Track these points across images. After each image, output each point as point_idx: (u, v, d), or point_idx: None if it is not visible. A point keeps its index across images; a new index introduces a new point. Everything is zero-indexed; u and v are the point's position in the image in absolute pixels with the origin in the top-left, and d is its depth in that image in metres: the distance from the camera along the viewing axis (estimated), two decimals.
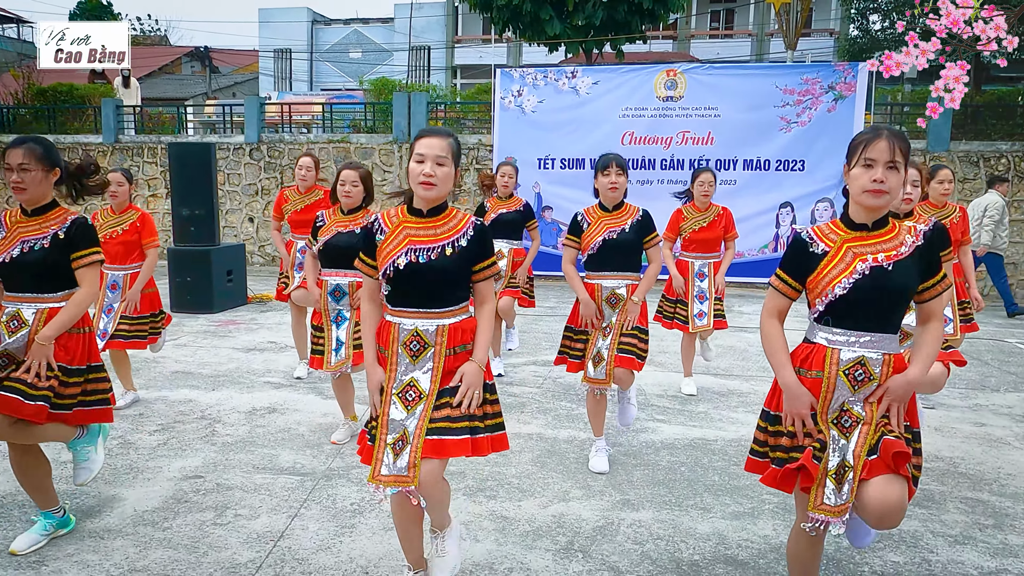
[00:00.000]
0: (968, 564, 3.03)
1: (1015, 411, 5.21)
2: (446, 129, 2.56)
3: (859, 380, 2.25)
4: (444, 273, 2.42)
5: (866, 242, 2.26)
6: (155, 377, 5.60)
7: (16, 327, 2.87)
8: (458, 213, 2.52)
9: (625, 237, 3.78)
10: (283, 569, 2.88)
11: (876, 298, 2.22)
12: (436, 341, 2.44)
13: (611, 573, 2.90)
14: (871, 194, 2.19)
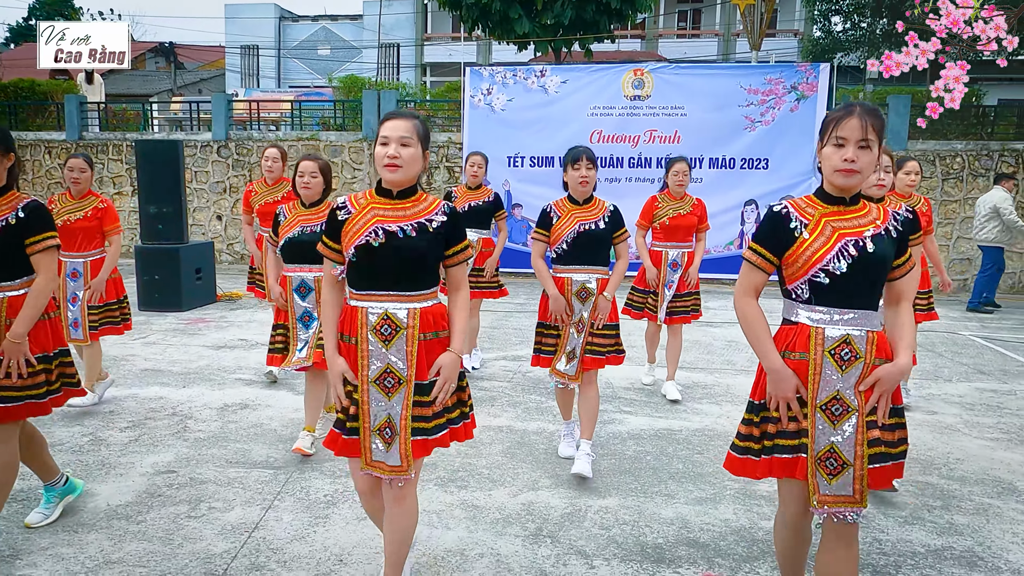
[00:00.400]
0: (916, 543, 3.19)
1: (965, 400, 5.43)
2: (412, 111, 2.52)
3: (845, 359, 2.19)
4: (414, 252, 2.36)
5: (844, 217, 2.21)
6: (124, 375, 5.59)
7: None
8: (429, 196, 2.48)
9: (598, 231, 3.77)
10: (258, 559, 2.94)
11: (860, 274, 2.17)
12: (408, 324, 2.38)
13: (579, 557, 3.00)
14: (842, 173, 2.16)
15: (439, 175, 12.07)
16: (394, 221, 2.38)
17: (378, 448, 2.39)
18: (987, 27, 3.80)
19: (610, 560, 2.98)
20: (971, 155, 11.07)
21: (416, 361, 2.39)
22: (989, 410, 5.21)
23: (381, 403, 2.39)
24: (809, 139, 10.72)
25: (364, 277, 2.40)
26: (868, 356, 2.20)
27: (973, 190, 11.08)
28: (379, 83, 16.09)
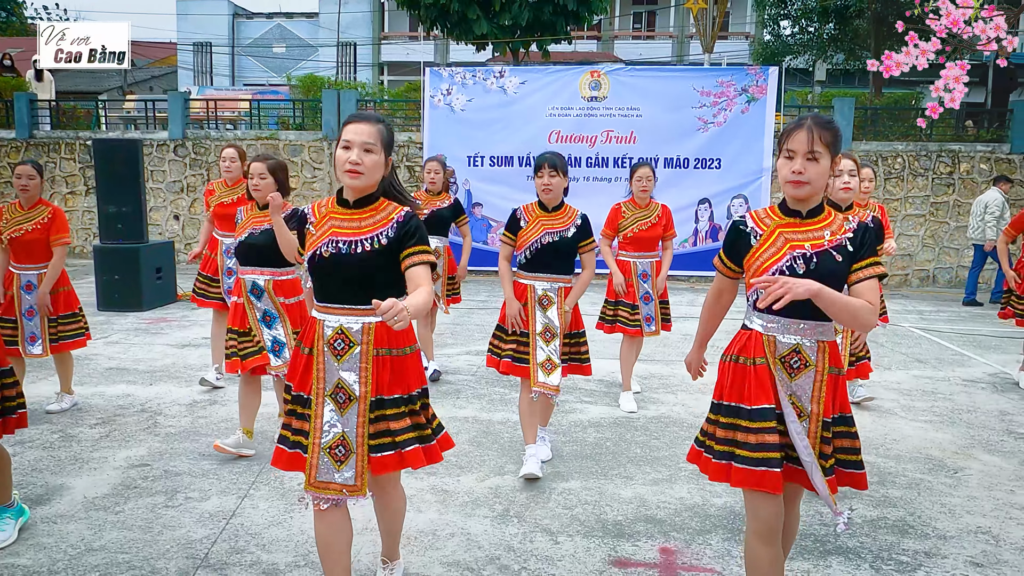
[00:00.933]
0: (855, 515, 3.45)
1: (903, 387, 5.78)
2: (376, 114, 2.43)
3: (795, 367, 2.25)
4: (364, 268, 2.30)
5: (798, 229, 2.26)
6: (89, 374, 5.60)
7: None
8: (389, 206, 2.38)
9: (563, 241, 3.75)
10: (237, 543, 3.06)
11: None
12: (362, 340, 2.32)
13: (544, 534, 3.19)
14: (791, 185, 2.21)
15: (400, 174, 12.13)
16: (347, 233, 2.32)
17: (325, 466, 2.28)
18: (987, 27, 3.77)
19: (573, 536, 3.18)
20: (911, 155, 11.59)
21: (372, 377, 2.31)
22: (924, 395, 5.56)
23: (335, 418, 2.30)
24: (759, 140, 11.12)
25: (320, 290, 2.38)
26: (820, 364, 2.24)
27: (913, 189, 11.61)
28: (338, 83, 16.07)
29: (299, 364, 2.40)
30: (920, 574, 2.94)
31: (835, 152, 2.22)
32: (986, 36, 3.77)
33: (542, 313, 3.78)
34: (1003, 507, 3.60)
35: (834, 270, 2.20)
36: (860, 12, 15.46)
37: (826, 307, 2.12)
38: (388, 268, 2.33)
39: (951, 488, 3.82)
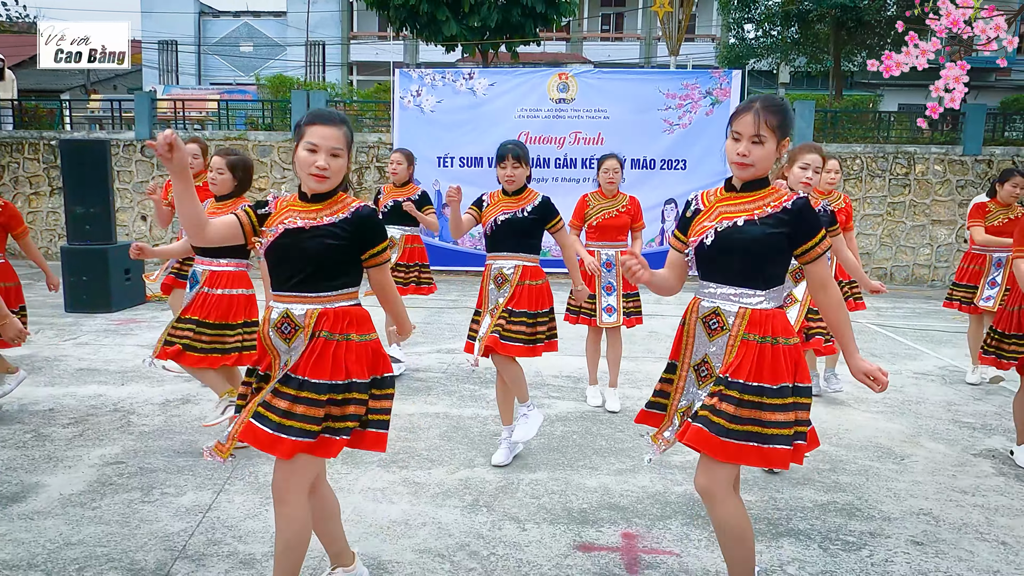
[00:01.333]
0: (806, 499, 3.64)
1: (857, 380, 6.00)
2: (339, 114, 2.42)
3: (713, 329, 2.40)
4: (315, 250, 2.34)
5: (732, 202, 2.40)
6: (60, 375, 5.61)
7: None
8: (346, 198, 2.42)
9: (519, 219, 3.85)
10: (215, 535, 3.15)
11: (727, 252, 2.35)
12: (305, 324, 2.37)
13: (512, 522, 3.33)
14: (736, 166, 2.35)
15: (370, 175, 12.22)
16: (304, 221, 2.37)
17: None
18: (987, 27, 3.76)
19: (540, 524, 3.32)
20: (868, 157, 11.95)
21: (308, 355, 2.34)
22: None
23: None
24: (723, 141, 11.30)
25: (273, 277, 2.44)
26: (736, 329, 2.36)
27: (871, 189, 11.97)
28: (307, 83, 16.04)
29: (265, 351, 2.49)
30: (864, 552, 3.13)
31: (782, 135, 2.32)
32: (986, 36, 3.76)
33: (496, 291, 3.91)
34: (944, 490, 3.82)
35: (757, 236, 2.32)
36: (821, 17, 15.84)
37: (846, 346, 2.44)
38: (346, 255, 2.38)
39: (897, 474, 4.03)
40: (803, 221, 2.33)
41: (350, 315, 2.41)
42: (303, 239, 2.34)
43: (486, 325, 3.93)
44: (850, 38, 16.13)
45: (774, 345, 2.35)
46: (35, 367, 5.77)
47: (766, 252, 2.35)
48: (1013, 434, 4.75)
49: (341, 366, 2.35)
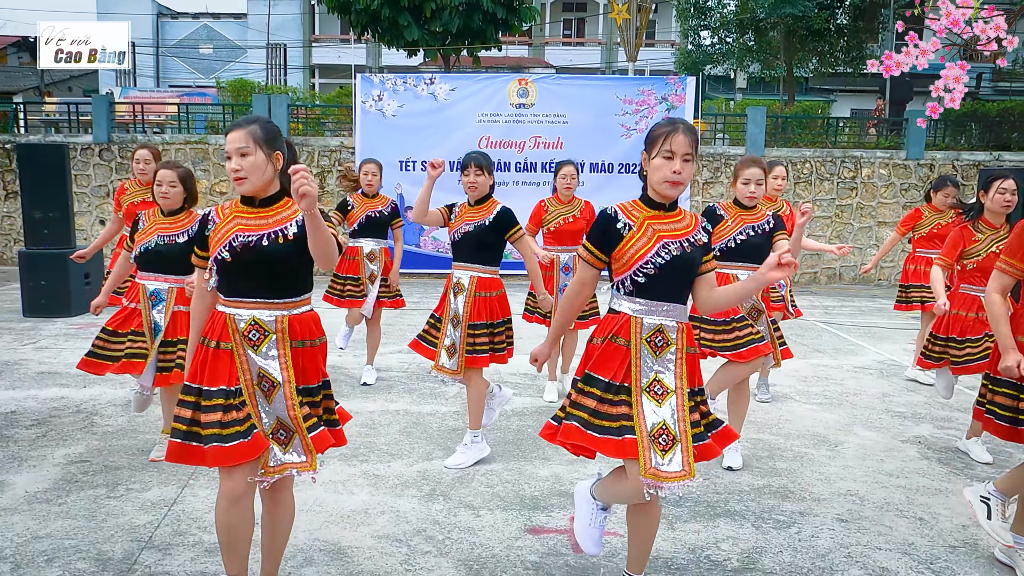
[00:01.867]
0: (743, 483, 3.89)
1: (800, 373, 6.32)
2: (251, 118, 2.48)
3: (659, 346, 2.48)
4: (271, 259, 2.39)
5: (663, 221, 2.50)
6: (20, 378, 5.64)
7: None
8: (292, 203, 2.47)
9: (480, 231, 3.95)
10: (180, 527, 3.27)
11: (674, 273, 2.47)
12: (276, 329, 2.43)
13: (467, 509, 3.51)
14: (670, 184, 2.41)
15: (332, 178, 12.29)
16: (255, 229, 2.42)
17: (275, 453, 2.43)
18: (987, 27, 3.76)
19: (493, 510, 3.51)
20: (818, 161, 12.39)
21: (291, 364, 2.43)
22: (818, 381, 6.11)
23: (265, 407, 2.43)
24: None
25: (231, 285, 2.45)
26: (680, 343, 2.50)
27: (820, 192, 12.40)
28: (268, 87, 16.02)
29: (201, 359, 2.45)
30: (793, 530, 3.37)
31: (696, 156, 2.49)
32: (986, 36, 3.74)
33: (454, 300, 4.04)
34: (872, 474, 4.10)
35: (692, 257, 2.51)
36: (773, 25, 16.33)
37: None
38: (295, 260, 2.43)
39: (830, 459, 4.31)
40: (709, 240, 2.60)
41: (315, 319, 2.55)
42: (259, 247, 2.39)
43: (449, 335, 4.04)
44: (802, 45, 16.64)
45: (694, 355, 2.60)
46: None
47: (697, 267, 2.55)
48: (941, 422, 5.08)
49: (315, 371, 2.53)
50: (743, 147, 12.43)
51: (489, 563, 3.03)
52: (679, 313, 2.54)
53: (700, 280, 2.57)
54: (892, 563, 3.10)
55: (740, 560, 3.10)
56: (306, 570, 2.93)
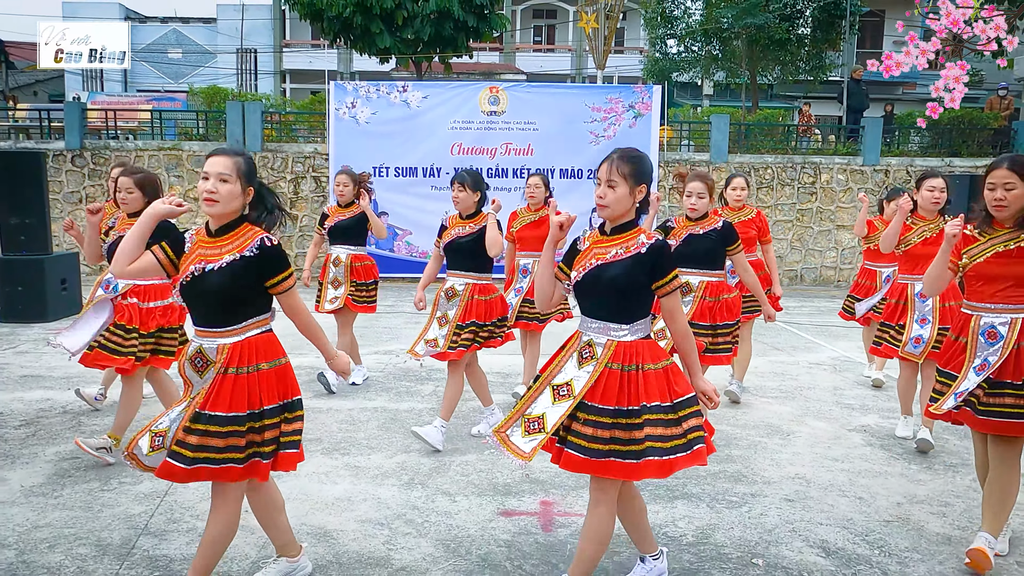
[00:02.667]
0: (700, 470, 4.10)
1: (759, 370, 6.66)
2: (237, 148, 2.68)
3: (584, 358, 2.65)
4: (218, 289, 2.49)
5: (603, 244, 2.67)
6: (3, 381, 5.77)
7: None
8: (249, 231, 2.57)
9: (469, 241, 4.32)
10: (174, 515, 3.48)
11: (592, 289, 2.63)
12: (216, 359, 2.52)
13: (444, 495, 3.76)
14: (598, 208, 2.65)
15: (306, 184, 12.46)
16: (207, 260, 2.52)
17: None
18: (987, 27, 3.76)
19: (468, 496, 3.76)
20: (779, 167, 12.84)
21: (216, 391, 2.49)
22: (775, 376, 6.46)
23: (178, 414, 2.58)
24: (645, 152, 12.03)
25: (191, 313, 2.63)
26: (603, 358, 2.60)
27: (781, 197, 12.85)
28: (242, 93, 16.11)
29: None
30: (744, 509, 3.68)
31: (637, 181, 2.59)
32: (986, 36, 3.76)
33: (446, 303, 4.40)
34: (819, 459, 4.43)
35: (615, 275, 2.60)
36: (737, 35, 16.82)
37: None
38: (242, 286, 2.52)
39: (782, 447, 4.63)
40: (657, 263, 2.61)
41: (265, 341, 2.59)
42: (207, 279, 2.51)
43: (432, 331, 4.43)
44: (764, 54, 17.16)
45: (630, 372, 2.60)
46: None
47: (629, 291, 2.65)
48: (887, 412, 5.43)
49: (255, 396, 2.53)
50: (708, 153, 12.84)
51: (465, 542, 3.28)
52: (614, 332, 2.62)
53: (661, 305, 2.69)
54: (831, 536, 3.41)
55: (695, 536, 3.39)
56: None
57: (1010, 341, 3.08)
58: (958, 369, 3.22)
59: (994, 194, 3.10)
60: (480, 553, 3.19)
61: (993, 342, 3.12)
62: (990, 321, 3.14)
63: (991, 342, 3.12)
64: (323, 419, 4.93)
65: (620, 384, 2.57)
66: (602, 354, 2.61)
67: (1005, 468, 3.11)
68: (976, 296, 3.21)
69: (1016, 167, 3.06)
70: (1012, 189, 3.06)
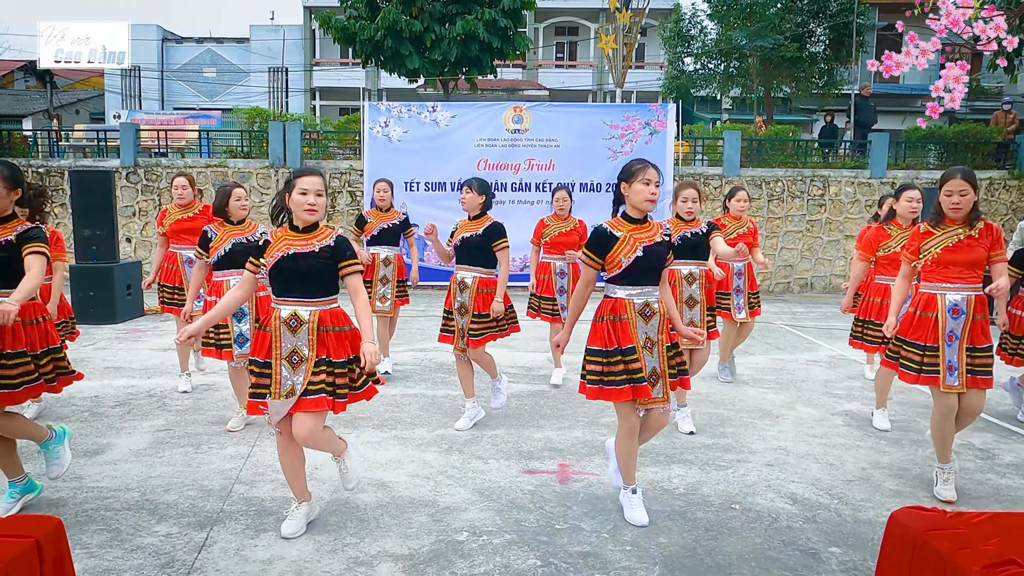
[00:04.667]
0: (696, 442, 4.87)
1: (760, 366, 7.33)
2: (317, 169, 3.48)
3: (647, 316, 3.50)
4: (311, 269, 3.28)
5: (640, 231, 3.50)
6: (91, 372, 6.60)
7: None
8: (326, 230, 3.39)
9: (475, 239, 4.99)
10: (257, 470, 4.25)
11: (650, 265, 3.47)
12: (309, 319, 3.29)
13: (478, 459, 4.50)
14: (650, 202, 3.44)
15: (342, 198, 13.32)
16: (300, 247, 3.31)
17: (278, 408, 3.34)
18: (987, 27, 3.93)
19: (498, 459, 4.49)
20: (789, 180, 13.47)
21: (317, 348, 3.28)
22: (774, 371, 7.12)
23: (288, 374, 3.28)
24: (660, 166, 12.62)
25: (278, 287, 3.35)
26: (661, 311, 3.55)
27: (791, 208, 13.48)
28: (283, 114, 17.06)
29: (261, 340, 3.38)
30: (730, 471, 4.37)
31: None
32: (986, 36, 3.95)
33: (460, 295, 5.08)
34: (801, 436, 5.10)
35: (660, 254, 3.52)
36: (751, 53, 17.49)
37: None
38: (328, 269, 3.34)
39: (770, 427, 5.31)
40: (668, 245, 3.59)
41: (339, 314, 3.41)
42: (301, 256, 3.30)
43: (462, 323, 5.08)
44: (777, 72, 17.80)
45: (670, 319, 3.63)
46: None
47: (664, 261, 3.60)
48: (869, 401, 6.07)
49: (345, 346, 3.38)
50: (721, 167, 13.51)
51: (496, 491, 4.01)
52: (656, 293, 3.56)
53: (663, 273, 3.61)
54: (800, 490, 4.10)
55: (685, 489, 4.09)
56: (361, 496, 3.92)
57: (969, 315, 3.88)
58: (924, 339, 3.96)
59: (951, 199, 3.84)
60: (508, 498, 3.92)
61: (956, 317, 3.90)
62: (953, 299, 3.90)
63: (955, 317, 3.91)
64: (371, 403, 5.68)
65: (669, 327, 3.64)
66: (659, 309, 3.56)
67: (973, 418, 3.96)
68: (937, 278, 3.96)
69: (968, 177, 3.83)
70: (965, 195, 3.81)
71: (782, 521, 3.71)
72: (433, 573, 3.15)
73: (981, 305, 3.94)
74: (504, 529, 3.56)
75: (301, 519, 3.52)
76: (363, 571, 3.16)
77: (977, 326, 3.93)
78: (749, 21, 17.01)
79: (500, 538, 3.47)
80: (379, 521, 3.64)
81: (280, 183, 13.20)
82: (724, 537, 3.52)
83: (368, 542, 3.42)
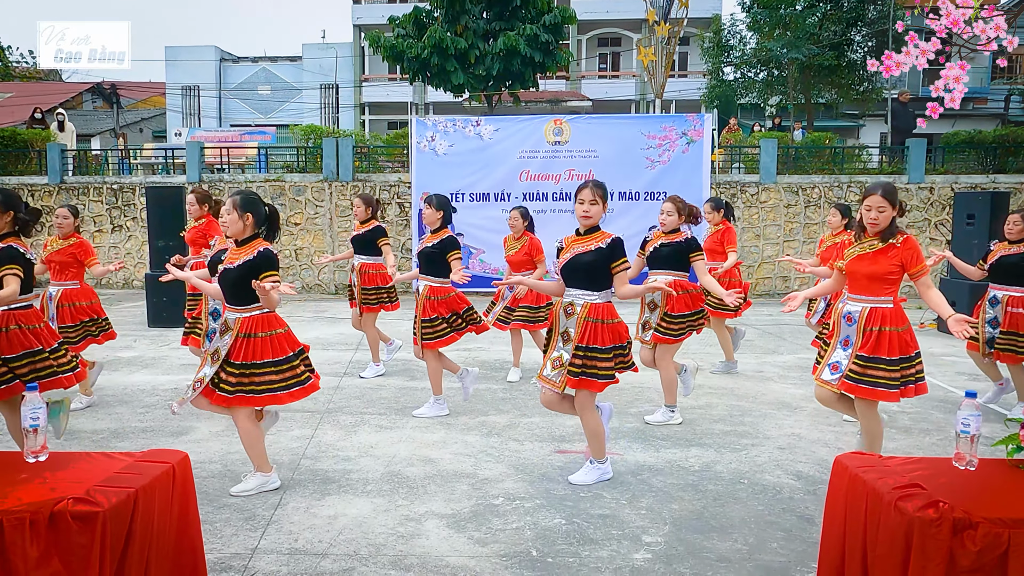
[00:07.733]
0: (716, 430, 5.30)
1: (786, 364, 7.68)
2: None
3: (568, 313, 4.04)
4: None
5: (578, 241, 4.08)
6: (169, 368, 7.34)
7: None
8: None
9: (430, 251, 5.58)
10: (321, 448, 4.84)
11: (574, 270, 4.00)
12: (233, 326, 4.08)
13: (515, 442, 5.01)
14: (584, 217, 4.02)
15: (391, 209, 14.02)
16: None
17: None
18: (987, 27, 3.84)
19: (533, 442, 5.00)
20: (826, 186, 13.70)
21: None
22: (799, 369, 7.46)
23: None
24: (697, 175, 13.13)
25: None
26: (581, 314, 4.00)
27: (828, 215, 13.66)
28: (336, 131, 17.94)
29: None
30: (743, 453, 4.80)
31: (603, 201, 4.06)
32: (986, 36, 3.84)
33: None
34: (816, 424, 5.48)
35: (589, 261, 4.01)
36: (790, 62, 17.73)
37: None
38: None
39: (787, 417, 5.70)
40: (614, 255, 4.03)
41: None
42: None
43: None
44: (816, 80, 17.99)
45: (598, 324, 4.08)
46: (145, 364, 7.51)
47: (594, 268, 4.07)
48: None
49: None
50: (757, 175, 13.82)
51: (530, 466, 4.52)
52: (589, 297, 4.05)
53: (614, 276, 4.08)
54: (806, 469, 4.51)
55: (700, 467, 4.54)
56: (410, 470, 4.47)
57: (861, 324, 3.96)
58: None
59: (869, 215, 3.92)
60: (540, 472, 4.43)
61: (850, 324, 4.07)
62: (848, 308, 4.06)
63: (848, 324, 4.08)
64: (416, 395, 6.25)
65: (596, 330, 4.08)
66: (579, 312, 4.03)
67: (871, 421, 4.16)
68: (847, 288, 4.15)
69: (887, 194, 3.89)
70: (883, 211, 3.88)
71: (784, 493, 4.14)
72: (472, 528, 3.67)
73: (882, 319, 3.95)
74: (535, 496, 4.07)
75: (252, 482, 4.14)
76: (413, 526, 3.70)
77: (872, 336, 3.93)
78: (786, 31, 17.27)
79: (531, 503, 3.98)
80: (426, 488, 4.19)
81: (333, 196, 13.97)
82: (730, 505, 3.97)
83: (417, 504, 3.97)
